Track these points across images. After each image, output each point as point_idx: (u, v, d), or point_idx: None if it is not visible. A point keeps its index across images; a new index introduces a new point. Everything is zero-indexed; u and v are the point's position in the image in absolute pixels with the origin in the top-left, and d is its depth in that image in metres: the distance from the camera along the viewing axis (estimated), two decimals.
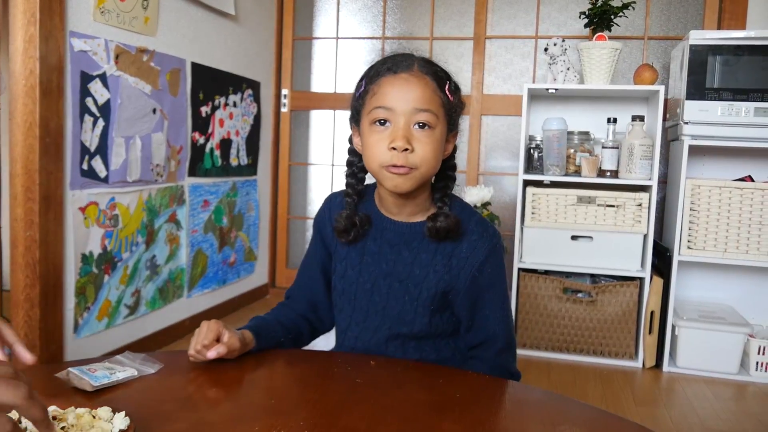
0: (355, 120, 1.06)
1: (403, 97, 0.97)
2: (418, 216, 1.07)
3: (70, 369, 0.85)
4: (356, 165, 1.09)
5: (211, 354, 0.93)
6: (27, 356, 0.75)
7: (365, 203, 1.11)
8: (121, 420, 0.70)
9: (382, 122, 0.98)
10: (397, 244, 1.07)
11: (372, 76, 1.02)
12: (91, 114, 2.10)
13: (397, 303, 1.06)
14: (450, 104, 1.02)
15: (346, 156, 1.11)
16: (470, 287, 1.04)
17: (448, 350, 1.10)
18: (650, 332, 2.58)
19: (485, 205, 2.65)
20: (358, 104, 1.04)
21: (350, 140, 1.10)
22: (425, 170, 0.99)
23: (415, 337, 1.08)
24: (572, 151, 2.73)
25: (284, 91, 3.53)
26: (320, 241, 1.16)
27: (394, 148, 0.95)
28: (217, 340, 0.96)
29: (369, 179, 1.10)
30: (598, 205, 2.61)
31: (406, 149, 0.95)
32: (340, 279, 1.11)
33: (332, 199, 1.16)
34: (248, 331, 1.02)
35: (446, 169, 1.07)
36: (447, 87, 1.01)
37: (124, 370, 0.88)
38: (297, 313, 1.16)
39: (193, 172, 2.70)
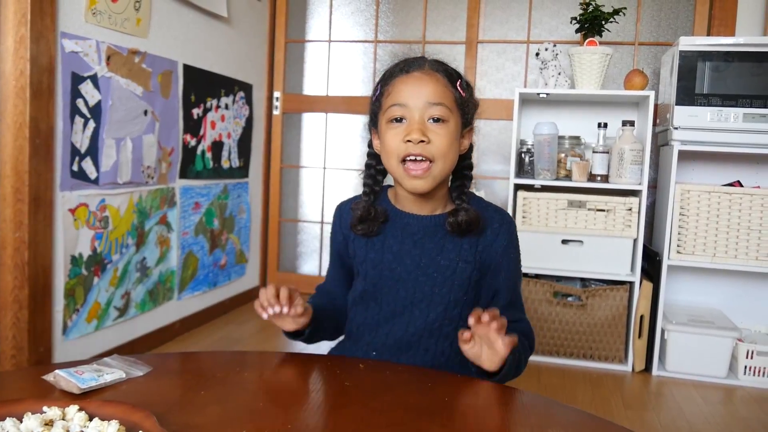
0: (373, 123, 1.10)
1: (416, 93, 1.01)
2: (438, 211, 1.09)
3: (57, 371, 0.85)
4: (374, 167, 1.12)
5: (292, 311, 0.99)
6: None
7: (380, 202, 1.12)
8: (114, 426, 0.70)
9: (398, 119, 1.02)
10: (420, 237, 1.07)
11: (386, 78, 1.06)
12: (82, 115, 2.09)
13: (425, 296, 1.07)
14: (462, 99, 1.05)
15: (365, 159, 1.14)
16: (495, 268, 1.08)
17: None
18: (640, 336, 2.59)
19: None
20: (375, 107, 1.08)
21: (369, 144, 1.13)
22: (442, 165, 1.02)
23: (445, 330, 1.08)
24: (563, 155, 2.75)
25: (276, 94, 3.53)
26: (336, 253, 1.17)
27: (410, 141, 0.99)
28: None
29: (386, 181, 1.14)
30: (589, 209, 2.62)
31: (422, 141, 0.98)
32: (362, 280, 1.11)
33: (342, 208, 1.17)
34: (311, 308, 1.05)
35: (462, 168, 1.10)
36: (458, 83, 1.05)
37: (112, 372, 0.88)
38: (338, 307, 1.17)
39: (184, 174, 2.69)
